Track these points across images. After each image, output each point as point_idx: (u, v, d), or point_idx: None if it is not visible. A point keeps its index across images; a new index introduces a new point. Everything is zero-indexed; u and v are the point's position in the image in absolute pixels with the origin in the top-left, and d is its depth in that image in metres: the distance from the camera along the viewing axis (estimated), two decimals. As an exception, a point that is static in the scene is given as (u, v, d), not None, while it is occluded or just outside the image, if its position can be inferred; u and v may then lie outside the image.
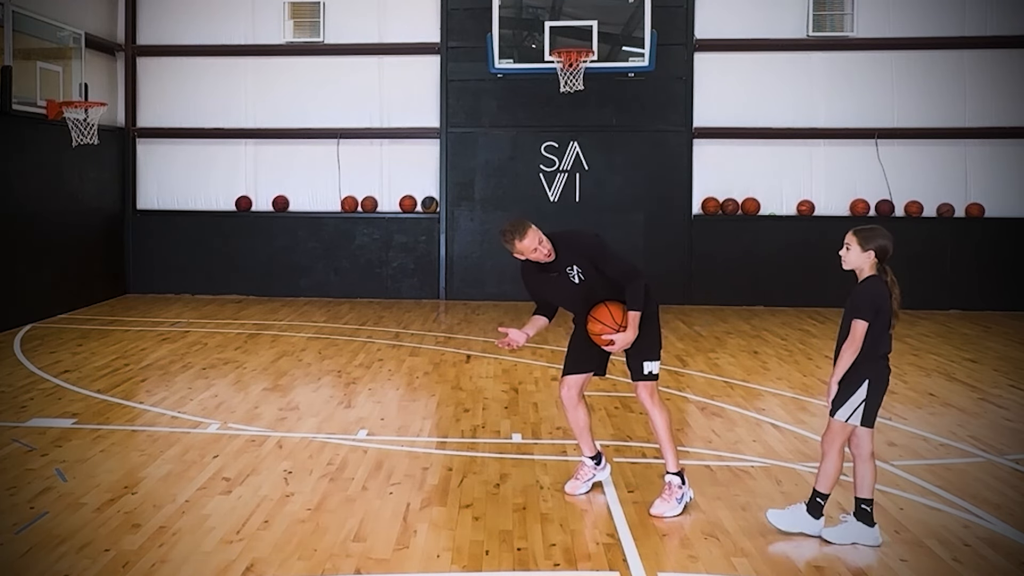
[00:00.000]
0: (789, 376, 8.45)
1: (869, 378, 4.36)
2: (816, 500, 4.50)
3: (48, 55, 11.33)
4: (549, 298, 5.22)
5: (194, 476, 5.44)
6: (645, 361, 4.95)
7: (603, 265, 4.90)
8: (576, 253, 4.94)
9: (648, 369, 4.95)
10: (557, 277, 4.99)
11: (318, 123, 13.69)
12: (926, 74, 13.02)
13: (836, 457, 4.43)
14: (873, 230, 4.43)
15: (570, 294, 5.01)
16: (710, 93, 13.24)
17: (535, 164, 13.38)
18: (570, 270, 4.94)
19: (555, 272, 4.98)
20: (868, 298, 4.34)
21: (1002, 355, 9.60)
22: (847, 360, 4.34)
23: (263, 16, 13.67)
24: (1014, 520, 4.85)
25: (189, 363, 8.77)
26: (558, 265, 4.96)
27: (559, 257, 4.94)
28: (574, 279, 4.95)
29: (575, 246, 4.96)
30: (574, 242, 4.98)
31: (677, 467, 4.94)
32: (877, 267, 4.40)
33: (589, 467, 5.27)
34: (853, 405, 4.37)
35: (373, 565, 4.23)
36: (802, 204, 13.10)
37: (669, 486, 4.92)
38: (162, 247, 13.78)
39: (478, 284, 13.45)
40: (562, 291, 5.03)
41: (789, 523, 4.54)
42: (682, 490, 4.91)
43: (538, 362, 9.02)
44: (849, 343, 4.33)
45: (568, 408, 5.25)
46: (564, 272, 4.96)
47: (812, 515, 4.50)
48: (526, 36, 12.55)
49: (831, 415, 4.43)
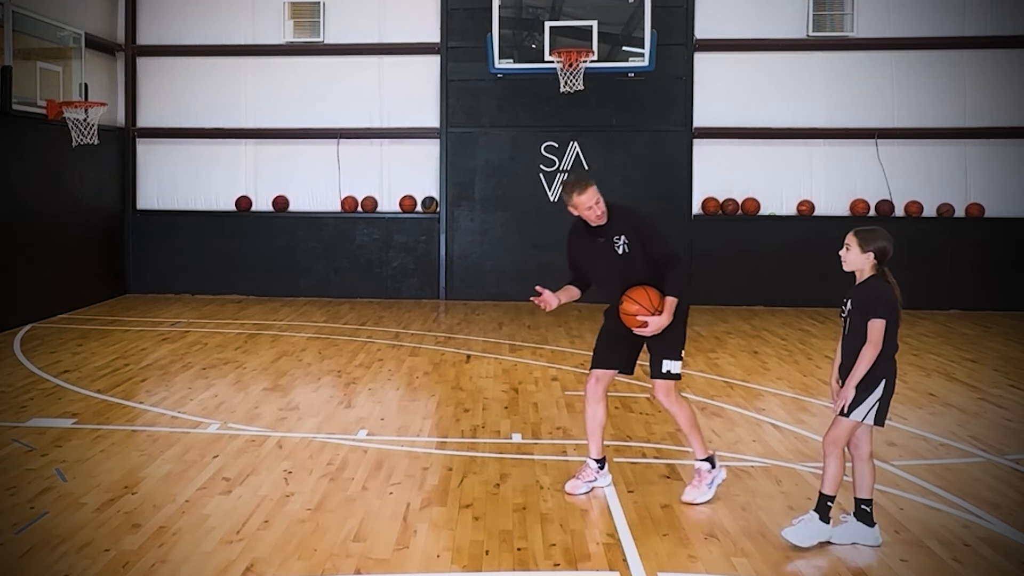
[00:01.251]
0: (789, 376, 8.45)
1: (885, 377, 4.33)
2: (825, 504, 4.42)
3: (48, 55, 11.33)
4: (588, 266, 5.24)
5: (194, 476, 5.44)
6: (665, 359, 4.99)
7: (649, 243, 4.96)
8: (628, 224, 5.02)
9: (667, 368, 5.00)
10: (603, 244, 5.03)
11: (318, 123, 13.69)
12: (926, 74, 13.02)
13: (839, 456, 4.39)
14: (873, 231, 4.41)
15: (610, 264, 5.02)
16: (710, 93, 13.24)
17: (535, 164, 13.38)
18: (617, 239, 4.99)
19: (602, 238, 5.03)
20: (881, 298, 4.30)
21: (1002, 355, 9.60)
22: (867, 362, 4.27)
23: (263, 16, 13.67)
24: (1014, 520, 4.85)
25: (189, 363, 8.77)
26: (607, 231, 5.02)
27: (610, 223, 5.02)
28: (618, 249, 4.99)
29: (628, 217, 5.05)
30: (628, 213, 5.08)
31: (705, 453, 5.08)
32: (876, 268, 4.39)
33: (592, 470, 5.27)
34: (869, 405, 4.33)
35: (373, 565, 4.23)
36: (802, 204, 13.10)
37: (699, 472, 5.05)
38: (162, 247, 13.78)
39: (478, 284, 13.45)
40: (603, 259, 5.05)
41: (805, 537, 4.42)
42: (712, 474, 5.04)
43: (538, 362, 9.02)
44: (869, 344, 4.27)
45: (590, 402, 5.25)
46: (611, 240, 5.00)
47: (823, 521, 4.42)
48: (526, 36, 12.56)
49: (843, 415, 4.36)
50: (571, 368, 8.75)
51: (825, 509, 4.43)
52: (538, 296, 5.20)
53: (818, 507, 4.45)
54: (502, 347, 9.82)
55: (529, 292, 5.46)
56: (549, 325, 11.24)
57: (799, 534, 4.43)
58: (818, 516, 4.43)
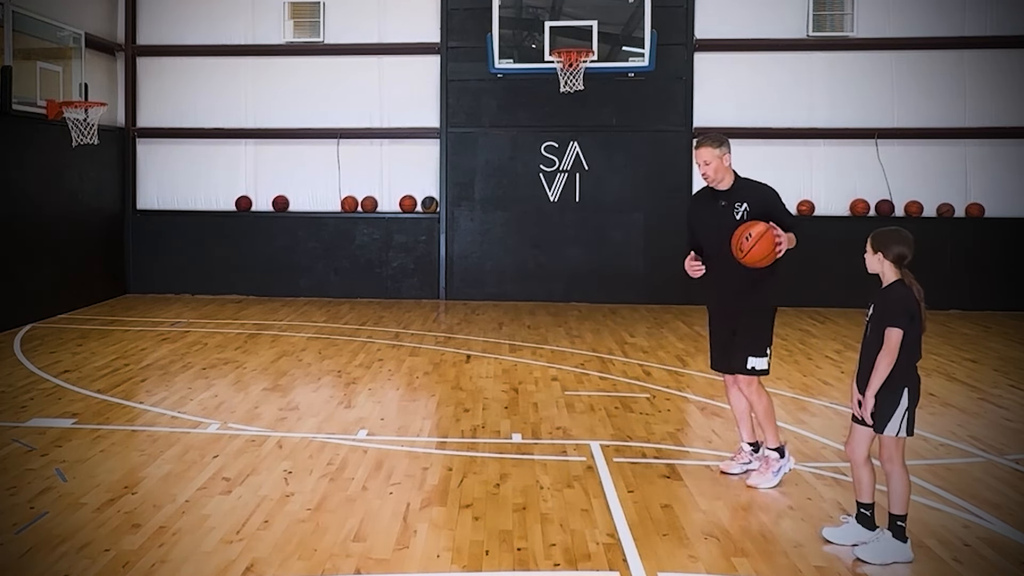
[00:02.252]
0: (789, 376, 8.45)
1: (907, 386, 4.24)
2: (897, 524, 4.27)
3: (48, 55, 11.33)
4: (703, 228, 5.40)
5: (194, 476, 5.44)
6: (751, 356, 5.19)
7: (775, 213, 5.16)
8: (754, 194, 5.24)
9: (752, 364, 5.20)
10: (723, 208, 5.22)
11: (318, 123, 13.69)
12: (926, 74, 13.02)
13: (901, 472, 4.25)
14: (889, 233, 4.30)
15: (725, 228, 5.15)
16: (710, 93, 13.24)
17: (535, 164, 13.38)
18: (739, 205, 5.19)
19: (724, 202, 5.24)
20: (901, 305, 4.21)
21: (1002, 355, 9.60)
22: (884, 370, 4.19)
23: (263, 16, 13.67)
24: (1014, 520, 4.85)
25: (189, 363, 8.77)
26: (730, 197, 5.24)
27: (735, 190, 5.25)
28: (737, 215, 5.17)
29: (756, 189, 5.29)
30: (757, 186, 5.33)
31: (777, 443, 5.30)
32: (899, 271, 4.30)
33: (746, 452, 5.52)
34: (899, 417, 4.23)
35: (373, 565, 4.23)
36: (802, 204, 13.09)
37: (767, 460, 5.27)
38: (162, 247, 13.79)
39: (478, 284, 13.45)
40: (719, 222, 5.20)
41: (878, 555, 4.26)
42: (780, 463, 5.25)
43: (538, 362, 9.02)
44: (885, 352, 4.19)
45: (729, 392, 5.56)
46: (732, 205, 5.20)
47: (899, 539, 4.27)
48: (526, 36, 12.56)
49: (879, 432, 4.27)
50: (571, 368, 8.75)
51: (899, 530, 4.26)
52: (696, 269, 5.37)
53: (890, 527, 4.29)
54: (502, 347, 9.82)
55: (529, 292, 5.53)
56: (549, 325, 11.24)
57: (870, 552, 4.28)
58: (891, 534, 4.28)
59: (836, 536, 4.49)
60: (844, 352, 9.49)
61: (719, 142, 5.21)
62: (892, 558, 4.26)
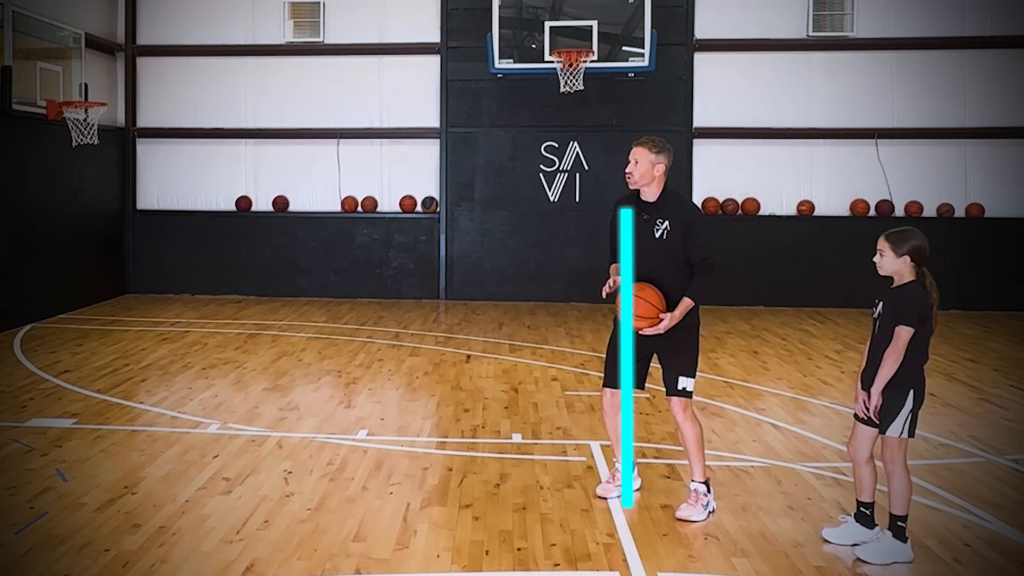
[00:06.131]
0: (789, 376, 8.45)
1: (913, 387, 4.23)
2: (898, 524, 4.27)
3: (48, 55, 11.33)
4: None
5: (194, 476, 5.44)
6: (681, 376, 4.91)
7: (690, 240, 4.85)
8: (678, 211, 4.93)
9: (683, 385, 4.90)
10: (645, 222, 4.94)
11: (318, 123, 13.69)
12: (926, 74, 13.02)
13: (902, 473, 4.25)
14: (904, 232, 4.29)
15: (644, 242, 4.87)
16: (710, 93, 13.24)
17: (535, 164, 13.38)
18: (660, 222, 4.92)
19: (647, 215, 4.96)
20: (914, 306, 4.19)
21: (1002, 355, 9.60)
22: (889, 369, 4.19)
23: (263, 16, 13.67)
24: (1014, 520, 4.85)
25: (189, 363, 8.77)
26: (653, 211, 4.96)
27: (660, 204, 4.96)
28: (657, 232, 4.92)
29: (681, 205, 5.00)
30: (683, 203, 5.06)
31: (703, 476, 4.94)
32: (916, 271, 4.28)
33: (617, 469, 5.16)
34: (903, 418, 4.23)
35: (373, 565, 4.23)
36: (802, 204, 13.09)
37: (695, 493, 4.91)
38: (162, 247, 13.78)
39: (478, 284, 13.44)
40: (639, 235, 4.87)
41: (878, 555, 4.27)
42: (707, 497, 4.91)
43: (538, 362, 9.02)
44: (892, 350, 4.18)
45: (608, 415, 5.18)
46: (654, 221, 4.94)
47: (899, 540, 4.27)
48: (526, 36, 12.56)
49: (882, 433, 4.27)
50: (571, 368, 8.75)
51: (899, 530, 4.26)
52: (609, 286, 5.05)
53: (891, 527, 4.29)
54: (502, 347, 9.82)
55: (529, 292, 5.46)
56: (549, 325, 11.24)
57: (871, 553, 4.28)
58: (891, 535, 4.28)
59: (836, 536, 4.49)
60: (844, 352, 9.48)
61: (658, 149, 4.94)
62: (892, 558, 4.26)
